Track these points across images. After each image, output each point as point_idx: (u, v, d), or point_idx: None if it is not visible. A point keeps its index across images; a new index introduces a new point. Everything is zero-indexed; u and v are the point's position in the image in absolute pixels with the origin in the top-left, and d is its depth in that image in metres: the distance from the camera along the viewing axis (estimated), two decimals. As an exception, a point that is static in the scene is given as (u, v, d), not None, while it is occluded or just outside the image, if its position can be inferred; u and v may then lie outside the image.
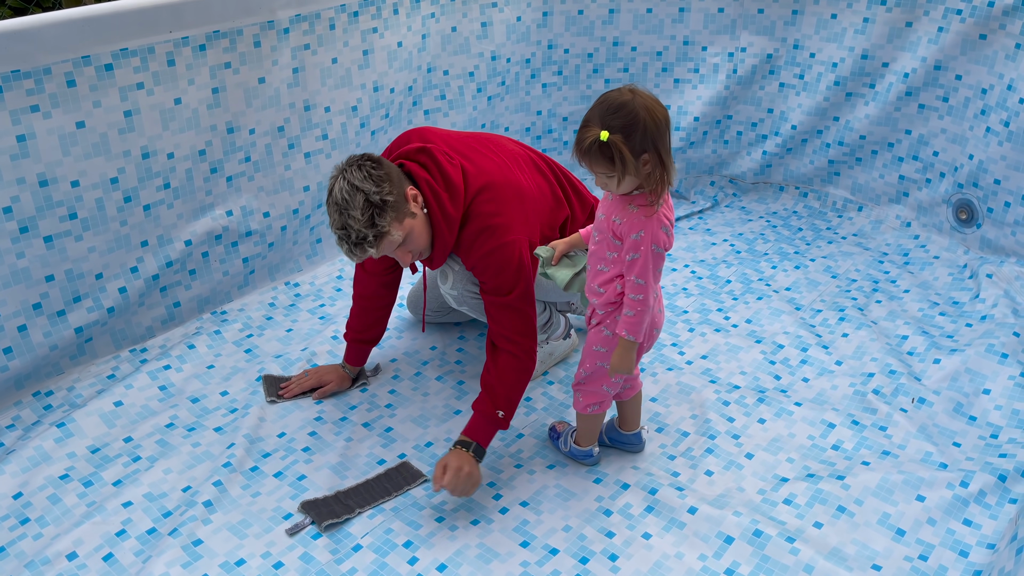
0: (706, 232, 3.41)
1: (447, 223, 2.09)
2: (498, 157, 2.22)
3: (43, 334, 2.39)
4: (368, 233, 1.95)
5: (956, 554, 1.91)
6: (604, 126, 1.64)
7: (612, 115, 1.64)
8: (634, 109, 1.64)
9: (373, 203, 1.94)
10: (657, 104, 1.67)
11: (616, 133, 1.63)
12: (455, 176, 2.10)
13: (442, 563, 1.91)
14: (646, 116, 1.64)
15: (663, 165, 1.68)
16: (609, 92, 1.68)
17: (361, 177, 1.95)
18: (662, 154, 1.67)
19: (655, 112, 1.65)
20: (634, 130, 1.64)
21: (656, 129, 1.65)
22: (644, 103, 1.65)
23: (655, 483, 2.12)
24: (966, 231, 3.14)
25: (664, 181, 1.70)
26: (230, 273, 2.83)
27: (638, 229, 1.74)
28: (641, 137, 1.64)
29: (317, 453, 2.23)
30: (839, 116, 3.44)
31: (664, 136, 1.67)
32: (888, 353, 2.58)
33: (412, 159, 2.14)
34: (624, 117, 1.64)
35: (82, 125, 2.33)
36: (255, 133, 2.75)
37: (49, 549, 1.92)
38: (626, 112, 1.64)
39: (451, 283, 2.26)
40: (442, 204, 2.08)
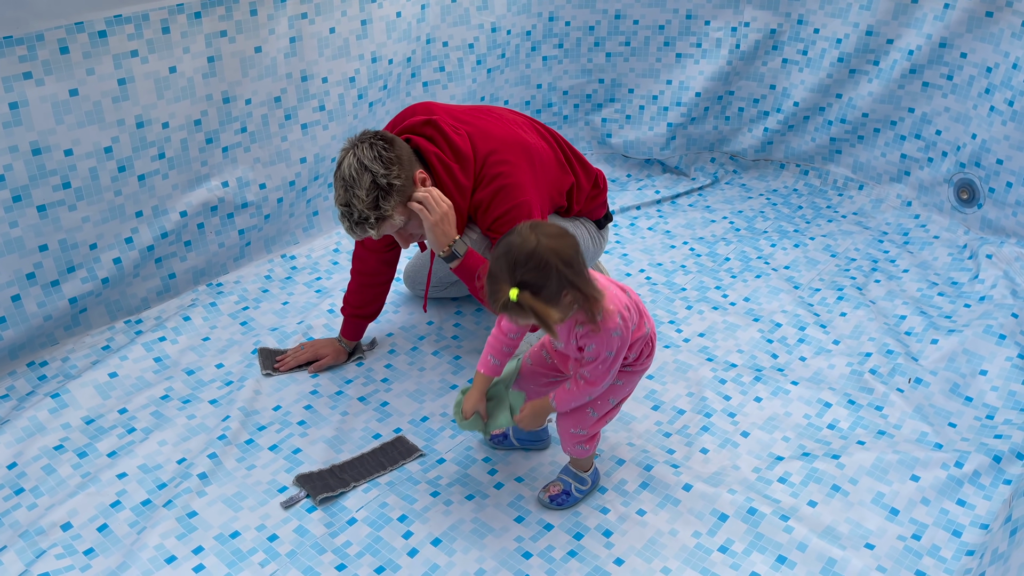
0: (705, 209, 3.39)
1: (460, 192, 2.10)
2: (503, 121, 2.22)
3: (37, 304, 2.38)
4: (371, 215, 1.96)
5: (949, 534, 1.92)
6: (513, 282, 1.55)
7: (521, 268, 1.55)
8: (541, 257, 1.55)
9: (380, 185, 1.94)
10: (562, 240, 1.58)
11: (527, 289, 1.55)
12: (463, 145, 2.09)
13: (436, 537, 1.91)
14: (555, 260, 1.55)
15: (584, 293, 1.61)
16: (512, 237, 1.58)
17: (372, 156, 1.94)
18: (580, 287, 1.60)
19: (562, 251, 1.57)
20: (547, 280, 1.56)
21: (568, 268, 1.57)
22: (550, 245, 1.56)
23: (650, 460, 2.12)
24: (967, 211, 3.13)
25: (590, 307, 1.63)
26: (226, 245, 2.81)
27: (590, 343, 1.72)
28: (556, 283, 1.57)
29: (312, 427, 2.23)
30: (842, 93, 3.40)
31: (578, 268, 1.59)
32: (886, 333, 2.58)
33: (418, 133, 2.13)
34: (534, 270, 1.55)
35: (75, 93, 2.30)
36: (251, 103, 2.71)
37: (44, 519, 1.92)
38: (535, 263, 1.55)
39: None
40: (454, 175, 2.08)
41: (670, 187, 3.55)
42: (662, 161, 3.68)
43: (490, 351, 1.87)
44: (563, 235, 1.60)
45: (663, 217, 3.33)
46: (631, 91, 3.64)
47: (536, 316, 1.56)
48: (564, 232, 1.62)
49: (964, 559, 1.85)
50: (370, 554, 1.87)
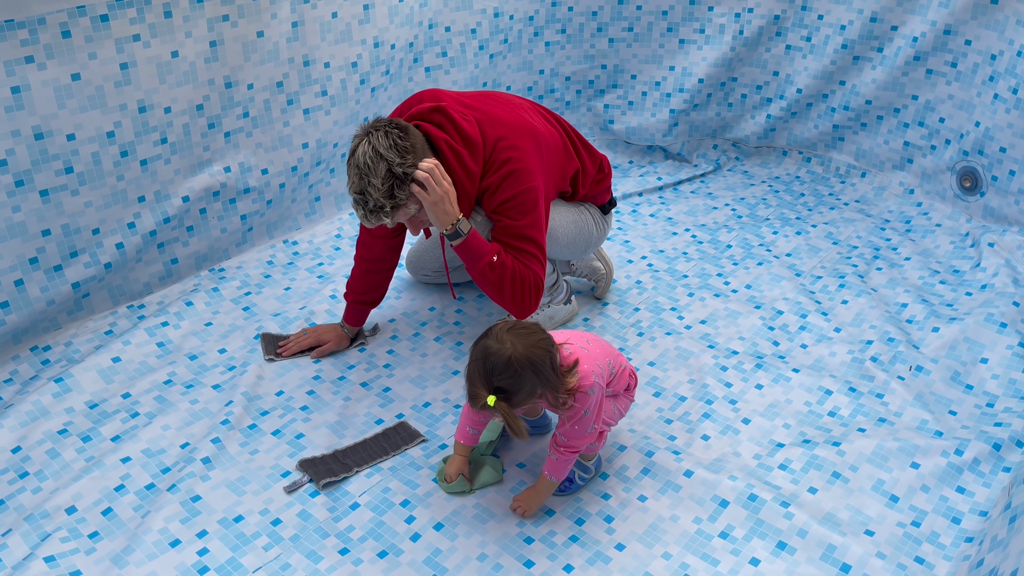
0: (707, 196, 3.39)
1: (469, 178, 2.10)
2: (511, 107, 2.22)
3: (40, 289, 2.38)
4: (386, 204, 1.97)
5: (948, 521, 1.93)
6: (489, 389, 1.68)
7: (497, 376, 1.67)
8: (516, 366, 1.67)
9: (395, 175, 1.95)
10: (535, 346, 1.70)
11: (502, 396, 1.68)
12: (472, 131, 2.10)
13: (439, 522, 1.93)
14: (528, 368, 1.67)
15: (555, 389, 1.74)
16: (488, 342, 1.70)
17: (387, 145, 1.95)
18: (551, 386, 1.73)
19: (534, 357, 1.68)
20: (520, 387, 1.68)
21: (541, 373, 1.69)
22: (524, 353, 1.68)
23: (651, 446, 2.13)
24: (969, 199, 3.12)
25: (562, 398, 1.76)
26: (228, 230, 2.81)
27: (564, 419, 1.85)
28: (529, 388, 1.69)
29: (315, 412, 2.24)
30: (845, 80, 3.39)
31: (549, 371, 1.71)
32: (887, 321, 2.58)
33: (427, 119, 2.13)
34: (509, 378, 1.67)
35: (77, 77, 2.29)
36: (253, 88, 2.71)
37: (48, 503, 1.93)
38: (510, 372, 1.67)
39: None
40: (463, 161, 2.09)
41: (672, 174, 3.55)
42: (664, 147, 3.67)
43: (467, 422, 1.96)
44: (536, 340, 1.71)
45: (665, 204, 3.33)
46: (634, 77, 3.62)
47: (507, 424, 1.70)
48: (537, 334, 1.73)
49: (963, 546, 1.86)
50: (373, 538, 1.89)
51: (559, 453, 1.87)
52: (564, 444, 1.86)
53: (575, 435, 1.84)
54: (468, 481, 1.99)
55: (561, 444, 1.86)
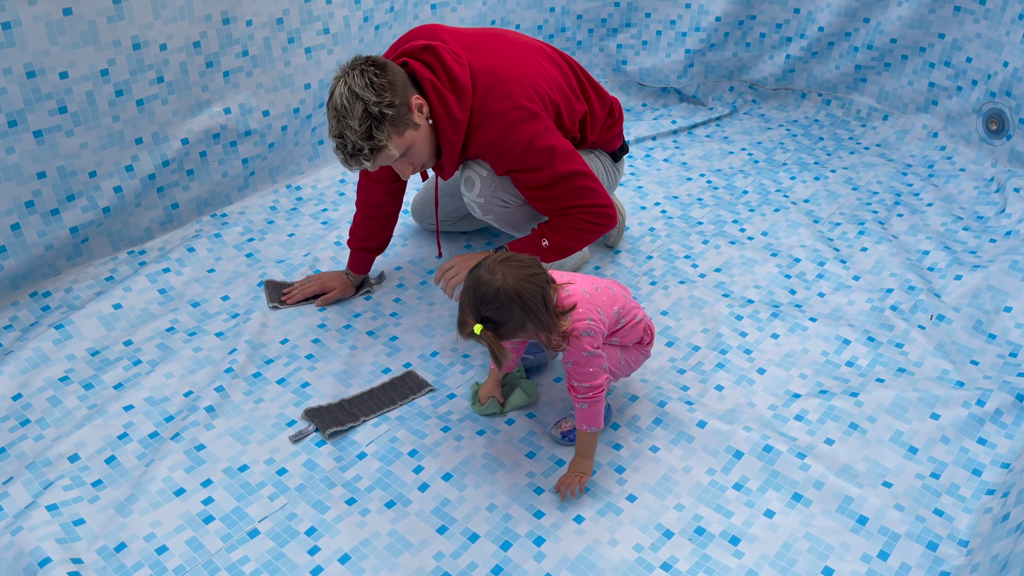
0: (723, 140, 3.29)
1: (453, 126, 2.00)
2: (510, 50, 2.09)
3: (37, 233, 2.32)
4: (364, 146, 1.88)
5: (969, 473, 1.88)
6: (477, 318, 1.65)
7: (485, 306, 1.65)
8: (504, 298, 1.63)
9: (372, 114, 1.85)
10: (527, 280, 1.65)
11: (489, 326, 1.65)
12: (462, 76, 1.98)
13: (447, 472, 1.89)
14: (517, 301, 1.63)
15: (545, 326, 1.68)
16: (480, 271, 1.67)
17: (363, 84, 1.85)
18: (541, 322, 1.67)
19: (525, 291, 1.64)
20: (507, 319, 1.65)
21: (529, 308, 1.65)
22: (514, 286, 1.63)
23: (664, 396, 2.08)
24: (995, 143, 3.01)
25: (551, 336, 1.71)
26: (229, 174, 2.74)
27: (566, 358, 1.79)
28: (517, 321, 1.66)
29: (321, 360, 2.19)
30: (870, 17, 3.25)
31: (541, 305, 1.66)
32: (908, 268, 2.50)
33: (416, 57, 2.02)
34: (496, 309, 1.64)
35: (69, 12, 2.19)
36: (252, 25, 2.60)
37: (51, 451, 1.90)
38: (498, 304, 1.64)
39: (478, 190, 2.15)
40: (448, 107, 1.98)
41: (687, 117, 3.43)
42: (679, 90, 3.55)
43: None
44: (529, 275, 1.66)
45: (679, 148, 3.23)
46: (648, 15, 3.48)
47: (491, 353, 1.68)
48: (532, 269, 1.67)
49: (984, 498, 1.82)
50: (380, 488, 1.85)
51: (586, 399, 1.78)
52: (584, 389, 1.78)
53: (587, 377, 1.76)
54: (500, 403, 1.99)
55: (581, 391, 1.78)
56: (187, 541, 1.73)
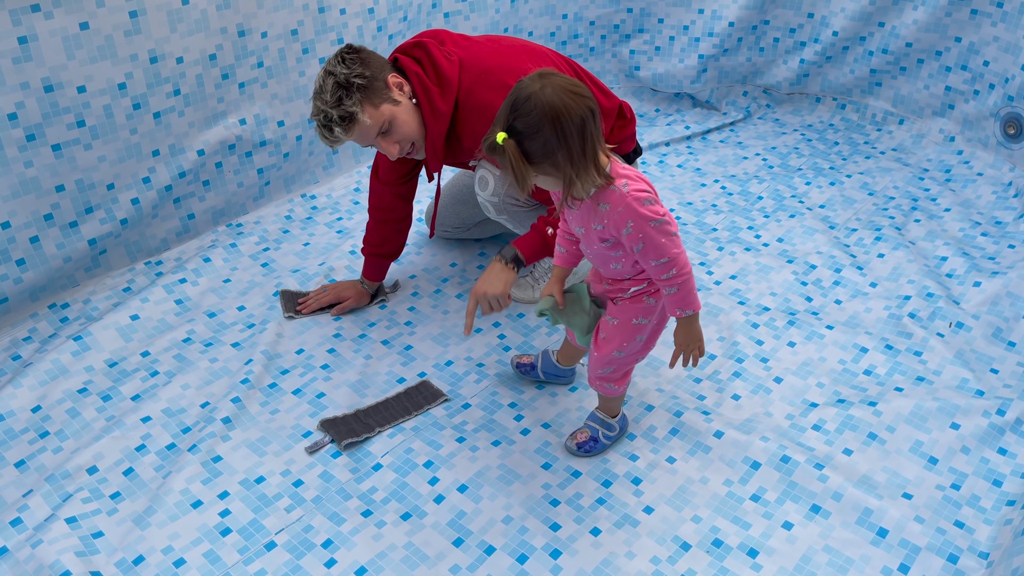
0: (737, 145, 3.27)
1: (435, 117, 2.03)
2: (506, 49, 2.10)
3: (56, 246, 2.34)
4: (333, 113, 1.93)
5: (990, 483, 1.86)
6: (506, 126, 1.45)
7: (515, 113, 1.44)
8: (537, 107, 1.42)
9: (341, 84, 1.92)
10: (571, 96, 1.44)
11: (516, 135, 1.44)
12: (449, 70, 2.02)
13: (463, 484, 1.89)
14: (552, 114, 1.42)
15: (573, 158, 1.46)
16: (521, 81, 1.47)
17: (335, 63, 1.95)
18: (575, 153, 1.46)
19: (565, 109, 1.43)
20: (538, 131, 1.44)
21: (562, 129, 1.43)
22: (552, 98, 1.42)
23: (680, 406, 2.07)
24: (1013, 147, 2.98)
25: (584, 179, 1.49)
26: (245, 184, 2.75)
27: (625, 222, 1.55)
28: (549, 138, 1.44)
29: (336, 370, 2.20)
30: (884, 21, 3.23)
31: (577, 133, 1.44)
32: (926, 275, 2.48)
33: (407, 53, 2.09)
34: (526, 116, 1.43)
35: (86, 26, 2.21)
36: (267, 36, 2.61)
37: (69, 463, 1.91)
38: (528, 110, 1.43)
39: (492, 190, 2.16)
40: (431, 98, 2.02)
41: (701, 122, 3.42)
42: (692, 95, 3.54)
43: (558, 243, 1.82)
44: (576, 95, 1.44)
45: (693, 154, 3.22)
46: (661, 21, 3.48)
47: (512, 168, 1.45)
48: (578, 90, 1.46)
49: (1005, 509, 1.80)
50: (396, 500, 1.85)
51: (672, 283, 1.59)
52: (665, 268, 1.58)
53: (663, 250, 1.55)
54: (560, 304, 1.80)
55: (664, 274, 1.59)
56: (204, 554, 1.74)
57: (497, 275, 1.96)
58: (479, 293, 1.95)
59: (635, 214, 1.53)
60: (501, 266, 1.98)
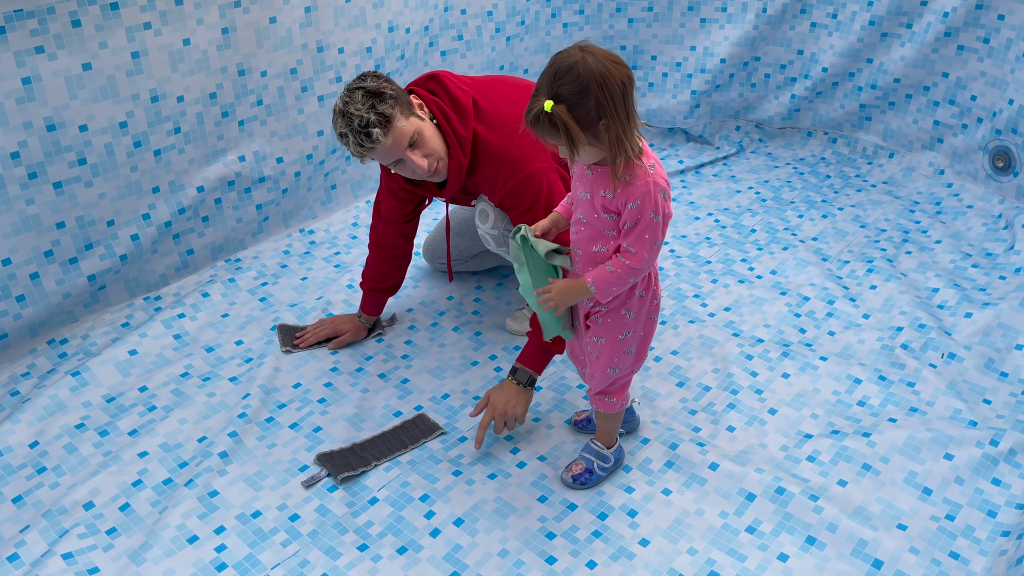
0: (731, 179, 3.31)
1: (460, 141, 2.09)
2: (513, 92, 2.19)
3: (56, 282, 2.36)
4: (370, 116, 1.91)
5: (984, 514, 1.87)
6: (551, 94, 1.47)
7: (559, 82, 1.46)
8: (582, 73, 1.45)
9: (371, 92, 1.94)
10: (612, 63, 1.47)
11: (562, 103, 1.46)
12: (464, 100, 2.10)
13: (459, 517, 1.89)
14: (598, 79, 1.45)
15: (620, 127, 1.49)
16: (559, 53, 1.49)
17: (358, 81, 1.98)
18: (620, 118, 1.48)
19: (608, 74, 1.45)
20: (584, 96, 1.45)
21: (610, 93, 1.46)
22: (595, 64, 1.45)
23: (676, 438, 2.08)
24: (1002, 179, 3.03)
25: (622, 147, 1.51)
26: (244, 220, 2.78)
27: (635, 197, 1.56)
28: (595, 103, 1.46)
29: (333, 404, 2.21)
30: (873, 58, 3.29)
31: (620, 99, 1.47)
32: (918, 306, 2.51)
33: (421, 86, 2.15)
34: (572, 83, 1.45)
35: (89, 67, 2.26)
36: (267, 75, 2.67)
37: (66, 498, 1.91)
38: (573, 76, 1.45)
39: (492, 222, 2.20)
40: (452, 123, 2.08)
41: (694, 156, 3.47)
42: (686, 130, 3.59)
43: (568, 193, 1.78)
44: (615, 61, 1.47)
45: (687, 187, 3.26)
46: (654, 58, 3.54)
47: (565, 132, 1.46)
48: (618, 59, 1.48)
49: (999, 540, 1.80)
50: (392, 534, 1.86)
51: (618, 266, 1.61)
52: (627, 252, 1.61)
53: (641, 244, 1.58)
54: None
55: (624, 254, 1.61)
56: (200, 589, 1.74)
57: (517, 396, 2.00)
58: (499, 412, 1.98)
59: (648, 195, 1.55)
60: (519, 388, 2.01)
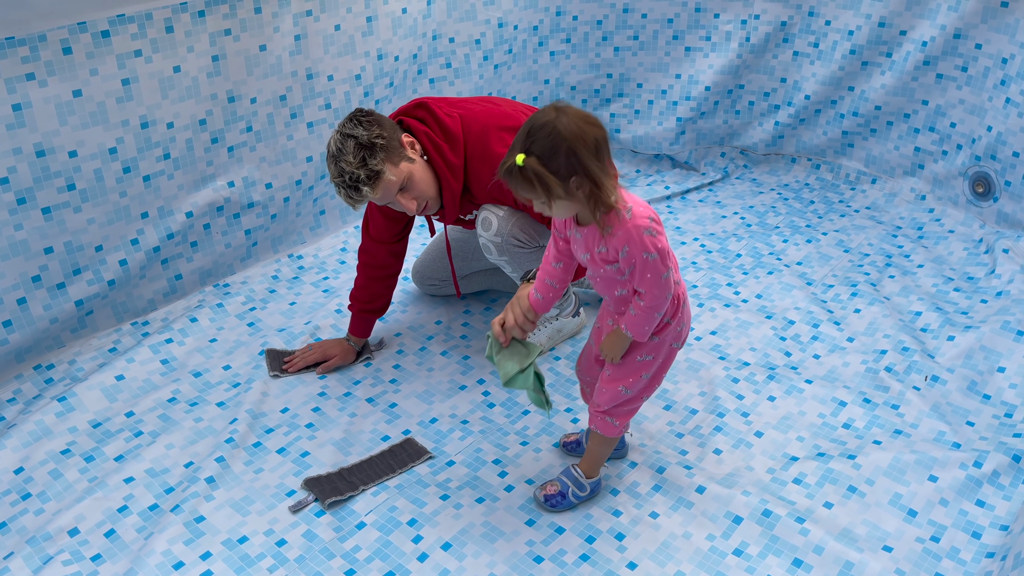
0: (716, 205, 3.35)
1: (451, 171, 2.13)
2: (499, 108, 2.22)
3: (43, 307, 2.36)
4: (360, 173, 1.99)
5: (969, 536, 1.88)
6: (524, 150, 1.53)
7: (531, 138, 1.53)
8: (556, 130, 1.51)
9: (363, 144, 1.99)
10: (586, 123, 1.54)
11: (533, 156, 1.52)
12: (453, 126, 2.13)
13: (447, 542, 1.89)
14: (569, 137, 1.51)
15: (595, 182, 1.54)
16: (536, 112, 1.57)
17: (351, 126, 2.02)
18: (594, 175, 1.54)
19: (581, 132, 1.52)
20: (556, 152, 1.51)
21: (582, 149, 1.52)
22: (569, 123, 1.52)
23: (663, 461, 2.09)
24: (982, 205, 3.08)
25: (601, 201, 1.57)
26: (232, 245, 2.79)
27: (622, 246, 1.62)
28: (567, 159, 1.52)
29: (321, 429, 2.21)
30: (854, 86, 3.35)
31: (593, 156, 1.53)
32: (901, 330, 2.53)
33: (410, 115, 2.19)
34: (544, 139, 1.52)
35: (79, 94, 2.27)
36: (256, 102, 2.69)
37: (51, 525, 1.90)
38: (546, 133, 1.52)
39: (495, 230, 2.21)
40: (443, 154, 2.12)
41: (680, 182, 3.51)
42: (671, 156, 3.64)
43: (536, 288, 1.82)
44: (589, 121, 1.54)
45: (673, 213, 3.30)
46: (640, 86, 3.60)
47: (539, 183, 1.52)
48: (592, 119, 1.55)
49: (984, 561, 1.81)
50: (379, 559, 1.85)
51: (638, 308, 1.68)
52: (641, 295, 1.67)
53: (648, 284, 1.64)
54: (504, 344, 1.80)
55: (639, 296, 1.67)
56: (186, 616, 1.72)
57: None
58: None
59: (632, 240, 1.60)
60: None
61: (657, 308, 1.68)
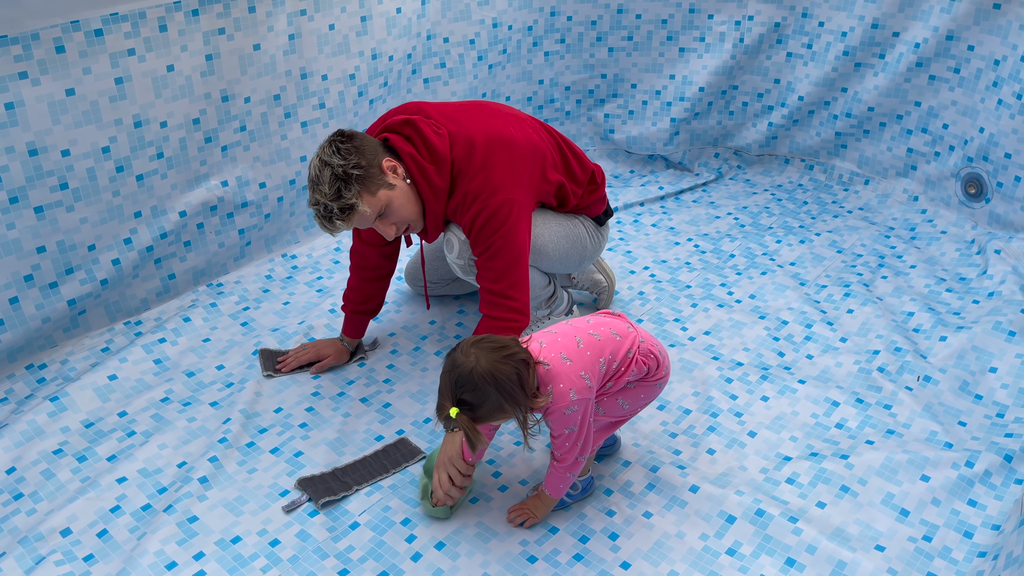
0: (710, 205, 3.36)
1: (435, 194, 2.09)
2: (490, 118, 2.18)
3: (35, 306, 2.35)
4: (333, 206, 1.97)
5: (961, 535, 1.89)
6: (454, 401, 1.67)
7: (460, 389, 1.66)
8: (478, 380, 1.64)
9: (338, 176, 1.96)
10: (502, 359, 1.66)
11: (465, 409, 1.67)
12: (440, 146, 2.08)
13: (440, 541, 1.89)
14: (491, 383, 1.65)
15: (520, 406, 1.69)
16: (456, 355, 1.69)
17: (330, 152, 1.98)
18: (516, 403, 1.68)
19: (499, 372, 1.65)
20: (484, 400, 1.66)
21: (504, 389, 1.66)
22: (488, 368, 1.65)
23: (656, 461, 2.09)
24: (975, 206, 3.09)
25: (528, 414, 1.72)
26: (226, 245, 2.79)
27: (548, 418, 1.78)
28: (494, 403, 1.67)
29: (314, 429, 2.20)
30: (847, 87, 3.37)
31: (517, 385, 1.67)
32: (894, 330, 2.54)
33: (397, 131, 2.12)
34: (471, 391, 1.66)
35: (72, 92, 2.27)
36: (250, 102, 2.68)
37: (43, 525, 1.89)
38: (471, 386, 1.65)
39: (457, 252, 2.22)
40: (428, 176, 2.07)
41: (674, 183, 3.52)
42: (665, 157, 3.65)
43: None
44: (504, 356, 1.67)
45: (667, 213, 3.30)
46: (634, 86, 3.60)
47: (467, 437, 1.69)
48: (508, 349, 1.68)
49: (976, 560, 1.82)
50: (373, 559, 1.85)
51: (553, 467, 1.85)
52: (556, 458, 1.83)
53: (564, 451, 1.79)
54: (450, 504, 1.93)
55: (554, 458, 1.83)
56: (179, 616, 1.72)
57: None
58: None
59: (556, 417, 1.75)
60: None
61: (571, 469, 1.82)
